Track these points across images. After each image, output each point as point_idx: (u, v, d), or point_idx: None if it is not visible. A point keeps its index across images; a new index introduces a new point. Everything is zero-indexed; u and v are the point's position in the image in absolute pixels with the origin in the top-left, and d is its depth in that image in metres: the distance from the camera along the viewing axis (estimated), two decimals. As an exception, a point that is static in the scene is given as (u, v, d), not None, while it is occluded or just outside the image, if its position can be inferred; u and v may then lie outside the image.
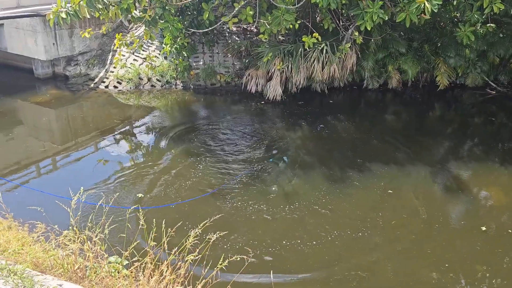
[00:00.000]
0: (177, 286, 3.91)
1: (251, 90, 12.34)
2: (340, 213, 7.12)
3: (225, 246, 6.02)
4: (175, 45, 12.41)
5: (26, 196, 7.17)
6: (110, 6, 9.51)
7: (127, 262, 4.52)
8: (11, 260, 3.96)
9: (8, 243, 4.49)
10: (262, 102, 12.11)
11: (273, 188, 7.79)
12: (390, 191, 7.85)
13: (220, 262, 4.08)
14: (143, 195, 7.30)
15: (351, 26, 11.26)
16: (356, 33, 11.03)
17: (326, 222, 6.86)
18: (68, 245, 4.16)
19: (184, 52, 12.62)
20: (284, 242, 6.34)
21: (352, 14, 10.44)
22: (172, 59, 12.96)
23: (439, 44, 12.89)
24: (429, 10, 8.22)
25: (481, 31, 11.15)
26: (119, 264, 4.74)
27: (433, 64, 12.85)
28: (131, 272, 4.13)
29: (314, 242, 6.33)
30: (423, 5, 8.19)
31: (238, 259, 4.37)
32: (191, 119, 11.03)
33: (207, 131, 10.19)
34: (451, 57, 12.53)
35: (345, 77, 12.57)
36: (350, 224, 6.81)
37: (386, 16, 9.56)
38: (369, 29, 9.51)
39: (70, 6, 9.29)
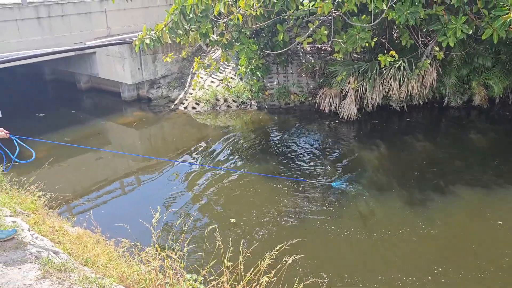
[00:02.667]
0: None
1: (324, 109, 12.24)
2: (420, 241, 6.69)
3: (300, 270, 5.93)
4: (250, 66, 12.73)
5: (113, 213, 7.66)
6: (190, 31, 10.04)
7: (202, 279, 4.64)
8: (99, 274, 4.23)
9: (97, 257, 4.80)
10: (336, 121, 11.94)
11: (350, 211, 7.57)
12: (476, 217, 7.29)
13: (295, 286, 4.03)
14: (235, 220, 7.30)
15: (431, 42, 10.79)
16: (437, 49, 10.54)
17: (403, 251, 6.50)
18: (150, 262, 4.35)
19: (258, 73, 12.88)
20: (357, 267, 6.12)
21: (432, 29, 10.02)
22: (247, 80, 13.29)
23: (531, 57, 11.91)
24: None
25: None
26: (197, 282, 4.87)
27: (525, 79, 11.87)
28: (208, 291, 4.21)
29: (392, 275, 5.98)
30: (509, 20, 7.65)
31: (312, 282, 4.31)
32: (265, 138, 11.15)
33: (280, 151, 10.24)
34: (546, 71, 11.50)
35: (424, 95, 12.01)
36: (431, 256, 6.36)
37: (471, 30, 9.06)
38: (451, 45, 9.06)
39: (154, 33, 9.96)
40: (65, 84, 15.80)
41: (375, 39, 9.87)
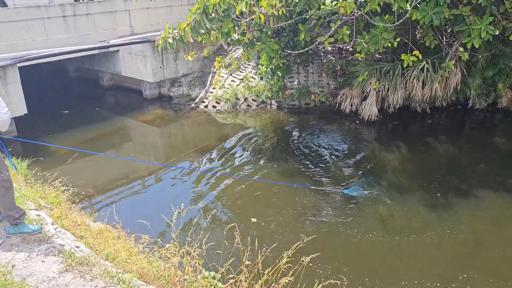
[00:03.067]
0: (270, 307, 3.90)
1: (345, 109, 12.14)
2: (443, 246, 6.57)
3: (319, 271, 5.90)
4: (271, 66, 12.73)
5: (132, 209, 7.76)
6: (212, 30, 10.09)
7: (220, 277, 4.66)
8: (120, 268, 4.29)
9: (118, 252, 4.88)
10: (357, 122, 11.83)
11: (368, 212, 7.50)
12: (500, 222, 7.11)
13: (314, 287, 4.02)
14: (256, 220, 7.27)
15: (455, 42, 10.58)
16: (461, 49, 10.33)
17: (426, 255, 6.39)
18: (170, 258, 4.40)
19: (279, 72, 12.87)
20: (377, 271, 6.05)
21: (457, 30, 9.83)
22: (268, 79, 13.29)
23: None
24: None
25: None
26: (215, 279, 4.90)
27: (553, 81, 11.54)
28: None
29: (414, 281, 5.87)
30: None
31: (330, 284, 4.29)
32: (285, 138, 11.13)
33: (300, 151, 10.20)
34: None
35: (448, 96, 11.79)
36: (455, 262, 6.24)
37: (497, 31, 8.85)
38: (476, 46, 8.88)
39: (177, 32, 10.05)
40: (89, 82, 16.11)
41: (398, 39, 9.73)
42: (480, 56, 11.29)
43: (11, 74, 10.45)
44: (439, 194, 8.04)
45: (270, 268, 4.20)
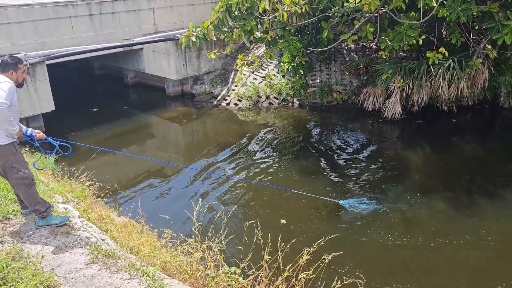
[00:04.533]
0: (291, 304, 3.92)
1: (368, 108, 12.02)
2: (468, 249, 6.44)
3: (339, 270, 5.88)
4: (293, 64, 12.70)
5: (155, 204, 7.89)
6: (235, 28, 10.14)
7: (241, 273, 4.70)
8: (144, 262, 4.38)
9: (142, 246, 4.98)
10: (380, 121, 11.70)
11: (390, 212, 7.42)
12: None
13: (334, 284, 4.01)
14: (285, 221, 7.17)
15: (483, 40, 10.33)
16: (489, 47, 10.09)
17: (449, 258, 6.28)
18: (192, 253, 4.46)
19: (301, 70, 12.83)
20: (401, 270, 5.99)
21: (484, 27, 9.60)
22: (290, 77, 13.27)
23: None
24: None
25: None
26: (236, 274, 4.94)
27: None
28: (248, 284, 4.26)
29: (437, 283, 5.81)
30: None
31: (352, 282, 4.27)
32: (306, 136, 11.10)
33: (321, 150, 10.16)
34: None
35: (474, 95, 11.53)
36: (479, 266, 6.11)
37: (528, 28, 8.61)
38: (508, 43, 8.65)
39: (200, 30, 10.15)
40: (113, 79, 16.40)
41: (423, 37, 9.56)
42: (509, 54, 10.99)
43: (39, 71, 10.75)
44: (464, 195, 7.90)
45: (290, 265, 4.21)
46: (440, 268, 6.06)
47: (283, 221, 6.98)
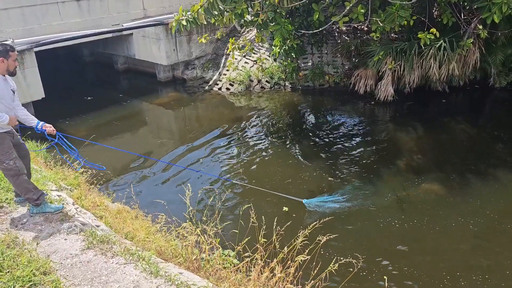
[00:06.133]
0: (287, 284, 3.97)
1: (359, 90, 12.02)
2: (456, 226, 6.55)
3: (334, 250, 5.95)
4: (284, 47, 12.61)
5: (149, 191, 7.88)
6: (225, 12, 10.01)
7: (236, 256, 4.74)
8: (139, 247, 4.40)
9: (137, 231, 4.99)
10: (372, 103, 11.73)
11: (385, 192, 7.49)
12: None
13: (331, 265, 4.06)
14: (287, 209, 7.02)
15: (474, 20, 10.32)
16: (480, 27, 10.08)
17: (442, 233, 6.39)
18: (187, 237, 4.49)
19: (293, 54, 12.76)
20: (396, 250, 6.08)
21: (475, 7, 9.58)
22: (281, 60, 13.19)
23: None
24: None
25: None
26: (231, 257, 4.99)
27: None
28: (243, 266, 4.30)
29: (428, 257, 5.92)
30: None
31: (348, 262, 4.33)
32: (299, 120, 11.11)
33: (314, 132, 10.18)
34: None
35: (465, 75, 11.57)
36: (467, 246, 6.21)
37: (518, 6, 8.60)
38: (497, 21, 8.65)
39: (190, 14, 10.00)
40: (103, 66, 16.21)
41: (414, 17, 9.53)
42: (499, 34, 11.00)
43: (28, 59, 10.58)
44: (455, 175, 7.98)
45: (286, 247, 4.26)
46: (434, 249, 6.14)
47: (285, 208, 7.04)
